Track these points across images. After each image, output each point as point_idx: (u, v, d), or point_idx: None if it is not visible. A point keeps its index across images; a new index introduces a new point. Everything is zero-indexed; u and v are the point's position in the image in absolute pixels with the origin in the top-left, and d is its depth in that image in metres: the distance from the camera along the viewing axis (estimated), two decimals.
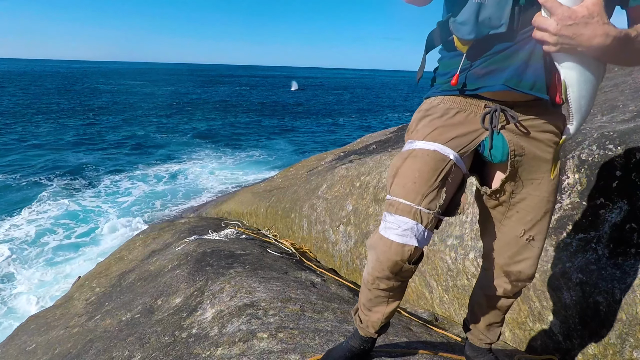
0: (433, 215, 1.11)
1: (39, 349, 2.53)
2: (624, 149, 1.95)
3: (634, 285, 1.64)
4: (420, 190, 1.08)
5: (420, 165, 1.09)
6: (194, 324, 1.94)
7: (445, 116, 1.12)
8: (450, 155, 1.09)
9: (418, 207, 1.08)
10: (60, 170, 14.20)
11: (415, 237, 1.09)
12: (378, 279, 1.16)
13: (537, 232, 1.17)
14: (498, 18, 0.97)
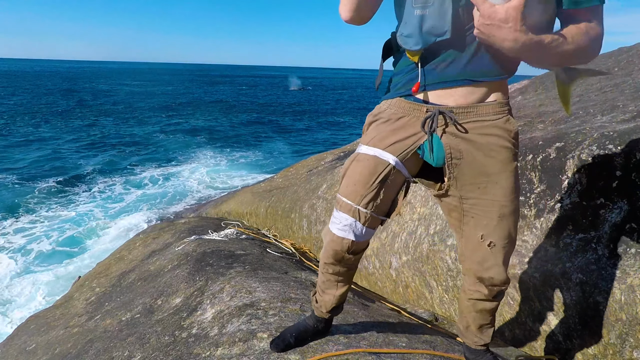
0: (370, 214, 1.21)
1: (39, 349, 2.53)
2: (624, 149, 1.95)
3: (634, 285, 1.64)
4: (360, 192, 1.19)
5: (361, 168, 1.20)
6: (194, 324, 1.94)
7: (390, 121, 1.19)
8: (390, 160, 1.16)
9: (357, 206, 1.20)
10: (58, 172, 14.19)
11: (353, 233, 1.22)
12: (326, 264, 1.34)
13: (496, 238, 1.16)
14: (441, 26, 1.02)
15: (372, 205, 1.19)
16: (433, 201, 2.84)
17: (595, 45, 0.99)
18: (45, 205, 11.06)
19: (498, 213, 1.14)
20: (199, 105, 37.76)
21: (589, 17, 0.98)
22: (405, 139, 1.16)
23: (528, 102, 3.91)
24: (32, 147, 17.68)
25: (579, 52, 0.97)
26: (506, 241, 1.18)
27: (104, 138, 20.69)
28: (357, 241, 1.24)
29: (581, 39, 0.96)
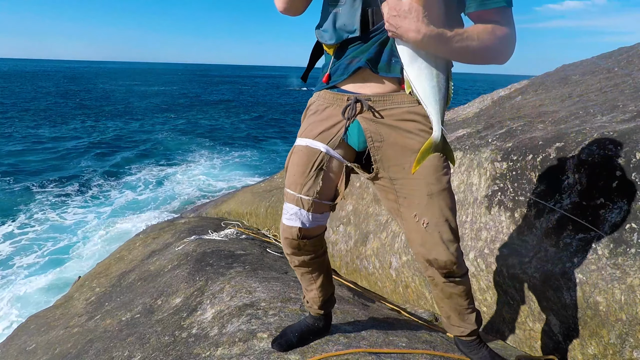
0: (312, 201, 1.27)
1: (39, 349, 2.53)
2: (624, 149, 1.95)
3: (634, 285, 1.64)
4: (299, 181, 1.27)
5: (298, 159, 1.28)
6: (194, 324, 1.94)
7: (317, 112, 1.28)
8: (321, 148, 1.25)
9: (299, 195, 1.27)
10: (56, 173, 14.16)
11: (300, 220, 1.28)
12: (288, 255, 1.39)
13: (429, 217, 1.19)
14: (351, 24, 1.11)
15: (313, 192, 1.26)
16: None
17: (503, 45, 1.04)
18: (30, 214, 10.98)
19: (426, 191, 1.18)
20: (199, 105, 37.75)
21: (497, 18, 1.03)
22: (332, 127, 1.24)
23: (528, 102, 3.91)
24: (31, 148, 17.68)
25: (484, 50, 1.02)
26: (438, 220, 1.19)
27: (103, 139, 20.68)
28: (304, 227, 1.29)
29: (486, 37, 1.01)
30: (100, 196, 12.28)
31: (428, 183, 1.18)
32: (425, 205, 1.18)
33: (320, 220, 1.33)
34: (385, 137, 1.19)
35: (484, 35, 1.01)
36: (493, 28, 1.02)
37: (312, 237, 1.34)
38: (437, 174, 1.18)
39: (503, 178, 2.42)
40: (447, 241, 1.21)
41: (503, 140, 2.72)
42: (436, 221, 1.19)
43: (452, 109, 5.24)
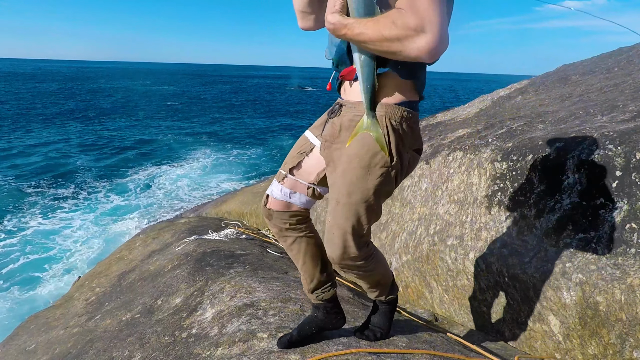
0: (285, 174, 1.44)
1: (39, 349, 2.53)
2: (624, 149, 1.95)
3: (634, 285, 1.64)
4: (287, 161, 1.46)
5: (294, 146, 1.48)
6: (194, 324, 1.94)
7: (327, 112, 1.40)
8: (310, 139, 1.43)
9: (280, 170, 1.47)
10: (55, 174, 14.14)
11: (272, 189, 1.47)
12: (271, 230, 1.60)
13: (330, 217, 1.32)
14: (337, 40, 1.23)
15: (287, 167, 1.43)
16: (433, 201, 2.84)
17: (402, 31, 0.98)
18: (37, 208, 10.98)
19: (334, 198, 1.30)
20: (200, 105, 37.76)
21: (403, 5, 0.99)
22: (322, 123, 1.41)
23: (528, 102, 3.91)
24: (30, 149, 17.67)
25: (381, 35, 1.00)
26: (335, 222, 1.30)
27: (104, 139, 20.68)
28: (271, 196, 1.46)
29: (382, 22, 1.00)
30: (100, 196, 12.28)
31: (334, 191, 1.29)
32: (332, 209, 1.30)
33: (291, 197, 1.44)
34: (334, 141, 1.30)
35: (381, 21, 1.00)
36: (393, 13, 1.00)
37: (275, 209, 1.45)
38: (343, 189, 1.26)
39: (503, 178, 2.42)
40: (335, 241, 1.32)
41: (503, 140, 2.72)
42: (332, 223, 1.31)
43: (452, 109, 5.24)
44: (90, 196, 12.31)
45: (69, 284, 5.19)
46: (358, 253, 1.32)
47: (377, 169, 1.21)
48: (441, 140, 3.45)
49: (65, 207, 11.35)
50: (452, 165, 2.86)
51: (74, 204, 11.59)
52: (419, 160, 3.25)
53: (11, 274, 7.87)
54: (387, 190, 1.27)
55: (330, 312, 1.56)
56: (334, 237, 1.31)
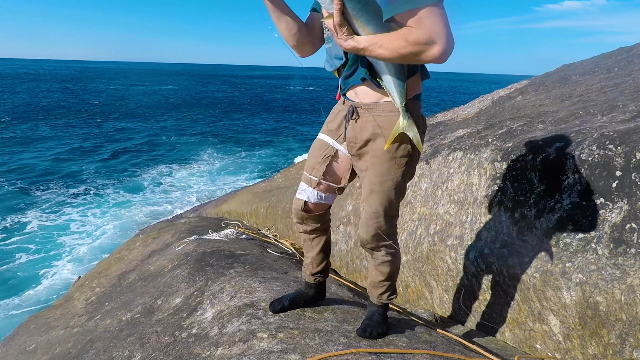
0: (318, 180, 1.59)
1: (39, 349, 2.53)
2: (624, 149, 1.95)
3: (634, 285, 1.64)
4: (311, 164, 1.61)
5: (314, 148, 1.63)
6: (194, 324, 1.94)
7: (334, 114, 1.61)
8: (329, 142, 1.58)
9: (309, 175, 1.61)
10: (55, 174, 14.16)
11: (306, 195, 1.63)
12: (296, 224, 1.73)
13: (366, 204, 1.51)
14: (339, 53, 1.42)
15: (319, 173, 1.58)
16: (433, 201, 2.84)
17: (418, 46, 1.14)
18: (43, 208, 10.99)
19: (368, 188, 1.49)
20: (201, 105, 37.77)
21: (410, 22, 1.15)
22: (339, 127, 1.56)
23: (528, 102, 3.91)
24: (32, 149, 17.68)
25: (398, 55, 1.18)
26: (369, 209, 1.50)
27: (105, 139, 20.69)
28: (308, 201, 1.63)
29: (396, 44, 1.16)
30: (103, 196, 12.30)
31: (371, 182, 1.48)
32: (367, 196, 1.50)
33: (324, 199, 1.63)
34: (358, 140, 1.48)
35: (395, 42, 1.16)
36: (405, 33, 1.15)
37: (313, 212, 1.65)
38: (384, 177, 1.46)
39: (503, 178, 2.42)
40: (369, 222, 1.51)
41: (503, 140, 2.72)
42: (367, 209, 1.51)
43: (452, 109, 5.24)
44: (99, 195, 12.41)
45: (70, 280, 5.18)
46: (390, 230, 1.53)
47: (402, 159, 1.44)
48: (441, 140, 3.45)
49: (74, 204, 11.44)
50: (452, 165, 2.86)
51: (83, 202, 11.67)
52: (419, 160, 3.26)
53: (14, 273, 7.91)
54: (411, 173, 1.52)
55: (319, 291, 1.89)
56: (368, 220, 1.50)
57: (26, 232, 9.60)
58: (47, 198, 11.82)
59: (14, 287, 7.41)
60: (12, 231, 9.61)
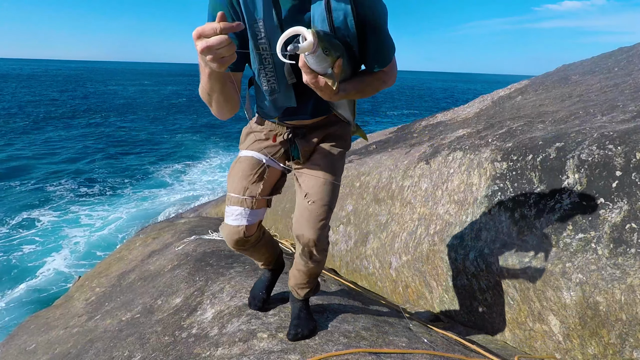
0: (255, 200, 1.52)
1: (39, 349, 2.53)
2: (624, 149, 1.95)
3: (634, 285, 1.64)
4: (244, 184, 1.52)
5: (243, 166, 1.54)
6: (194, 324, 1.94)
7: (262, 132, 1.56)
8: (263, 159, 1.54)
9: (243, 197, 1.51)
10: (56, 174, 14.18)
11: (245, 218, 1.52)
12: (235, 250, 1.64)
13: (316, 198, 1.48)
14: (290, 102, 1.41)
15: (255, 192, 1.51)
16: (433, 201, 2.84)
17: (389, 81, 1.39)
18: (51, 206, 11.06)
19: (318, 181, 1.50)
20: (202, 104, 37.77)
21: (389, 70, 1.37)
22: (275, 145, 1.55)
23: (528, 102, 3.91)
24: (33, 149, 17.69)
25: (376, 91, 1.39)
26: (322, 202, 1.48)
27: (105, 139, 20.70)
28: (249, 224, 1.53)
29: (376, 84, 1.36)
30: (111, 193, 12.32)
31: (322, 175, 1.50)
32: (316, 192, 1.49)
33: (260, 214, 1.58)
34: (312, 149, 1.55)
35: (375, 83, 1.35)
36: (382, 77, 1.36)
37: (253, 232, 1.57)
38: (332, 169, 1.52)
39: (503, 178, 2.42)
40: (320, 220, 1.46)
41: (503, 140, 2.72)
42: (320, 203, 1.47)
43: (452, 109, 5.24)
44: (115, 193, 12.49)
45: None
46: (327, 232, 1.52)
47: (342, 153, 1.57)
48: (441, 140, 3.45)
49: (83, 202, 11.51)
50: (452, 165, 2.86)
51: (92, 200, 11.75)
52: (420, 161, 3.25)
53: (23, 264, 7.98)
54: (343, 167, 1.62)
55: (280, 266, 1.94)
56: (318, 216, 1.46)
57: (36, 227, 9.74)
58: (57, 195, 11.94)
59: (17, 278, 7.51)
60: (22, 226, 9.73)
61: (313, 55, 1.06)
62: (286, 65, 1.27)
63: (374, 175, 3.61)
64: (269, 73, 1.31)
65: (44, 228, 9.78)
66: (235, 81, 1.32)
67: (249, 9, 1.21)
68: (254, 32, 1.24)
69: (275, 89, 1.36)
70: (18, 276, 7.67)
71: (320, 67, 1.11)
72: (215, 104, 1.29)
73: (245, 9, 1.21)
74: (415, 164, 3.25)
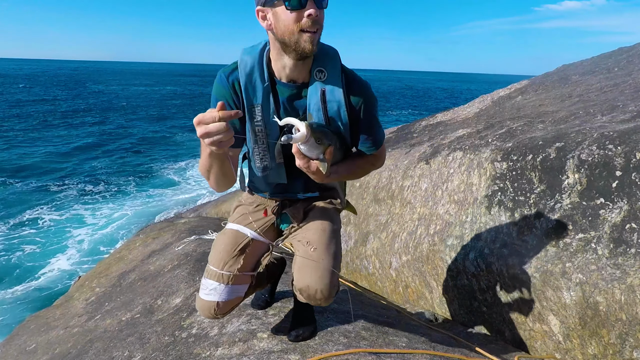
0: (232, 275, 1.44)
1: (39, 349, 2.53)
2: (624, 149, 1.95)
3: (634, 285, 1.64)
4: (224, 258, 1.45)
5: (226, 240, 1.49)
6: (194, 324, 1.94)
7: (251, 206, 1.57)
8: (248, 234, 1.50)
9: (221, 271, 1.44)
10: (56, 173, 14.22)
11: (218, 294, 1.44)
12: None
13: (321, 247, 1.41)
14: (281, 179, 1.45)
15: (234, 268, 1.44)
16: (433, 201, 2.84)
17: (378, 163, 1.50)
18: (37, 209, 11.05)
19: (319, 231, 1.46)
20: (202, 104, 37.81)
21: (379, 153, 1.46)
22: (262, 219, 1.54)
23: (528, 102, 3.91)
24: (33, 149, 17.70)
25: (367, 172, 1.51)
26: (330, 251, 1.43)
27: (105, 138, 20.71)
28: (222, 301, 1.44)
29: (367, 166, 1.47)
30: (102, 194, 12.31)
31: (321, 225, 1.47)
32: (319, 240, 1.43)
33: (239, 291, 1.49)
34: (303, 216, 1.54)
35: (366, 166, 1.46)
36: (372, 158, 1.45)
37: (227, 309, 1.49)
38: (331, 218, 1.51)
39: (503, 178, 2.42)
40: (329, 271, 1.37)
41: (503, 140, 2.72)
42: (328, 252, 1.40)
43: (452, 109, 5.24)
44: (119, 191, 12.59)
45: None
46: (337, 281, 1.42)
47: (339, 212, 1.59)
48: (441, 140, 3.45)
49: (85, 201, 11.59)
50: (452, 165, 2.86)
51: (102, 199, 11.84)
52: (420, 161, 3.25)
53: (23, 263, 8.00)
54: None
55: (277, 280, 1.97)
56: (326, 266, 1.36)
57: (38, 227, 9.78)
58: (58, 195, 12.01)
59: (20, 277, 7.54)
60: (25, 225, 9.78)
61: (306, 144, 1.13)
62: (277, 146, 1.35)
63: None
64: (262, 152, 1.38)
65: (47, 227, 9.84)
66: (233, 157, 1.37)
67: (248, 95, 1.30)
68: (251, 115, 1.33)
69: (268, 166, 1.42)
70: (20, 275, 7.69)
71: (312, 154, 1.18)
72: (213, 178, 1.32)
73: (245, 94, 1.30)
74: (415, 164, 3.25)
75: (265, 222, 1.55)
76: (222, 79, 1.32)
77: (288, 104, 1.33)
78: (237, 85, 1.31)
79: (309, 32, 1.15)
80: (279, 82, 1.31)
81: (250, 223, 1.54)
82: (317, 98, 1.29)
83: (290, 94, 1.32)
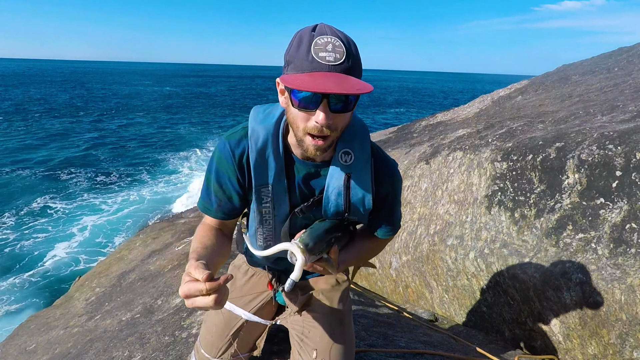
0: None
1: (39, 349, 2.53)
2: (624, 149, 1.95)
3: (634, 285, 1.64)
4: (216, 343, 1.34)
5: (218, 321, 1.36)
6: (194, 324, 1.94)
7: (246, 276, 1.43)
8: (243, 315, 1.36)
9: (213, 358, 1.33)
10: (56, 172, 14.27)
11: None
12: None
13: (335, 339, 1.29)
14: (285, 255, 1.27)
15: (228, 354, 1.33)
16: (433, 201, 2.84)
17: (384, 247, 1.41)
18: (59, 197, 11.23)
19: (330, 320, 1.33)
20: (202, 104, 37.84)
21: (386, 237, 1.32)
22: (259, 295, 1.39)
23: (528, 102, 3.91)
24: (33, 148, 17.72)
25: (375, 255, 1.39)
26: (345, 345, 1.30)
27: (105, 138, 20.74)
28: None
29: (378, 250, 1.36)
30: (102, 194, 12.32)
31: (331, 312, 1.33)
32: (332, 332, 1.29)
33: None
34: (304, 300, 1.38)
35: (376, 249, 1.35)
36: (384, 242, 1.33)
37: None
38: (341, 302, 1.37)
39: (503, 178, 2.42)
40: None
41: (503, 140, 2.72)
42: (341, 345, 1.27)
43: (452, 109, 5.24)
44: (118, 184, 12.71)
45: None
46: None
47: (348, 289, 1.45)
48: (441, 140, 3.45)
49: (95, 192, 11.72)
50: (452, 165, 2.86)
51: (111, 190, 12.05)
52: (420, 160, 3.25)
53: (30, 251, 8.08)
54: None
55: None
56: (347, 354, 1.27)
57: (49, 215, 9.98)
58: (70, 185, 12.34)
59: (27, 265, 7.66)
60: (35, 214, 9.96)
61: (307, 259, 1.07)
62: (283, 228, 1.23)
63: None
64: (267, 233, 1.25)
65: (57, 217, 10.02)
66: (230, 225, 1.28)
67: (258, 173, 1.13)
68: (259, 195, 1.17)
69: (271, 245, 1.27)
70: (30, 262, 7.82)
71: (315, 259, 1.09)
72: None
73: (255, 172, 1.12)
74: (415, 164, 3.25)
75: (262, 299, 1.40)
76: (226, 151, 1.11)
77: (303, 184, 1.17)
78: (246, 161, 1.13)
79: (317, 137, 0.96)
80: (296, 158, 1.13)
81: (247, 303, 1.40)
82: (339, 182, 1.13)
83: (307, 172, 1.15)
